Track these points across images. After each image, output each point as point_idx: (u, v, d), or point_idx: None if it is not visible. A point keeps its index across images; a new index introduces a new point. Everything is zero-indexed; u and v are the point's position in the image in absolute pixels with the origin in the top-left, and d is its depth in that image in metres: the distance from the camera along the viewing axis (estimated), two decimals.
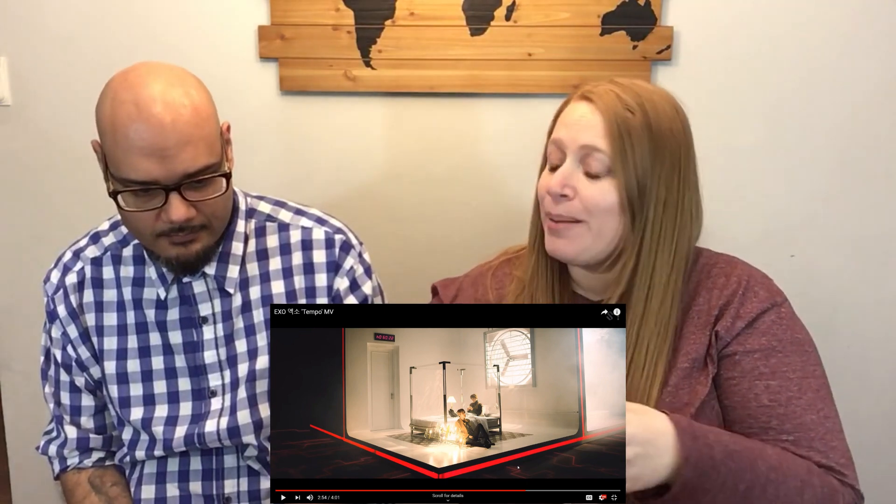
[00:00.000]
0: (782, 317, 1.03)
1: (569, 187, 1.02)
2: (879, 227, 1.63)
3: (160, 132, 1.01)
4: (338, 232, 1.24)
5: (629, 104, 1.00)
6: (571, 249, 1.04)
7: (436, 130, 1.67)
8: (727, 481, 0.89)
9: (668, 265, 1.02)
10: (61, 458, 1.26)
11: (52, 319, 1.24)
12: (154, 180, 1.03)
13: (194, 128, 1.03)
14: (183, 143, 1.02)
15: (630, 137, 0.99)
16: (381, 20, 1.60)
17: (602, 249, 1.03)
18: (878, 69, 1.56)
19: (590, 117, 1.01)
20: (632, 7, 1.56)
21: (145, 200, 1.06)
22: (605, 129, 1.00)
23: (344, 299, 1.21)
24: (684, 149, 1.03)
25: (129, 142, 1.02)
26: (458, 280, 1.22)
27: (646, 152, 0.99)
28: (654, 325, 1.01)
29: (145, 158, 1.02)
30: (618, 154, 0.99)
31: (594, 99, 1.02)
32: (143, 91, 1.03)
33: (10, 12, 1.66)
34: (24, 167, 1.73)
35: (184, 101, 1.04)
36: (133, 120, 1.01)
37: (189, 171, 1.04)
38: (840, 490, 0.97)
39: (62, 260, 1.26)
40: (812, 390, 1.00)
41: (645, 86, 1.04)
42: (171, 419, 1.21)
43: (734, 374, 1.01)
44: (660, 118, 1.00)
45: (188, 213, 1.06)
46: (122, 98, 1.03)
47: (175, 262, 1.12)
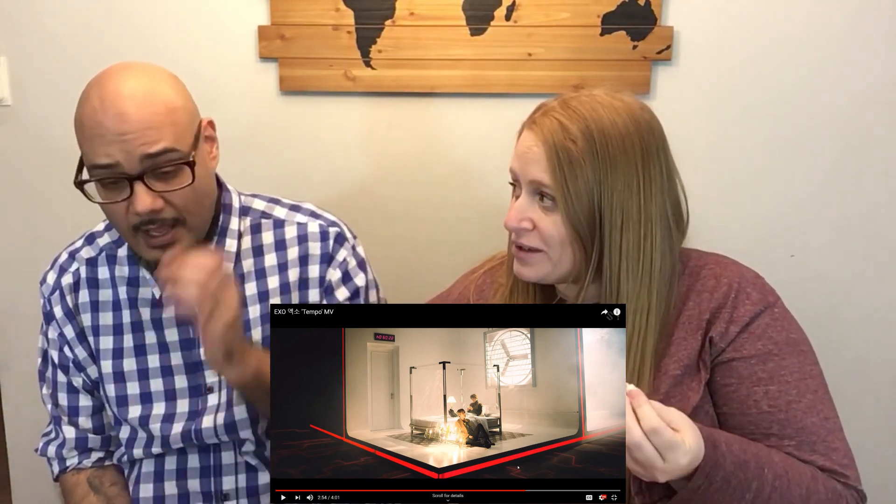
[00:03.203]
0: (776, 318, 1.02)
1: (525, 220, 1.02)
2: (879, 228, 1.63)
3: (121, 119, 1.04)
4: (332, 225, 1.24)
5: (571, 132, 0.97)
6: (534, 275, 1.04)
7: (436, 130, 1.67)
8: (735, 492, 0.89)
9: (635, 282, 0.99)
10: (60, 459, 1.26)
11: (48, 320, 1.25)
12: (115, 162, 1.05)
13: (158, 115, 1.06)
14: (144, 128, 1.04)
15: (571, 168, 0.97)
16: (381, 20, 1.60)
17: (562, 273, 1.03)
18: (878, 69, 1.56)
19: (535, 150, 1.00)
20: (632, 7, 1.56)
21: (113, 192, 1.08)
22: (547, 164, 0.98)
23: (335, 290, 1.21)
24: (642, 160, 0.98)
25: (92, 131, 1.05)
26: (442, 297, 1.24)
27: (591, 181, 0.97)
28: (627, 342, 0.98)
29: (107, 144, 1.04)
30: (559, 188, 0.98)
31: (536, 130, 1.00)
32: (109, 85, 1.06)
33: (9, 12, 1.66)
34: (24, 167, 1.73)
35: (149, 93, 1.06)
36: (95, 111, 1.05)
37: (148, 153, 1.05)
38: (844, 494, 0.97)
39: (58, 261, 1.26)
40: (811, 391, 1.00)
41: (599, 101, 1.00)
42: (168, 416, 1.21)
43: (731, 381, 1.00)
44: (607, 139, 0.97)
45: (154, 204, 1.06)
46: (90, 94, 1.07)
47: (155, 265, 1.13)
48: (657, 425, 0.82)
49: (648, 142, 0.99)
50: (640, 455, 0.83)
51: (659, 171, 1.00)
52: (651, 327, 1.00)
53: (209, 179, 1.15)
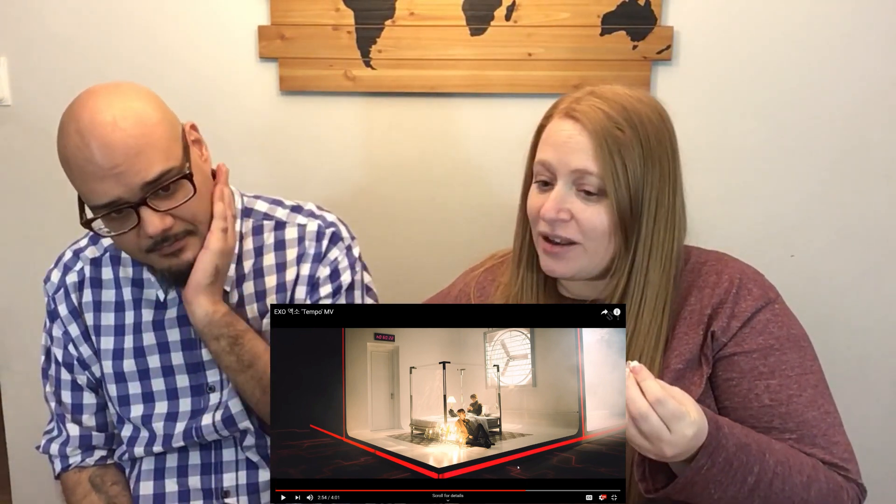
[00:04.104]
0: (777, 313, 1.02)
1: (564, 211, 1.00)
2: (879, 228, 1.63)
3: (106, 152, 1.02)
4: (330, 226, 1.24)
5: (617, 121, 0.98)
6: (568, 270, 1.03)
7: (436, 130, 1.67)
8: (737, 474, 0.89)
9: (660, 273, 1.01)
10: (63, 457, 1.26)
11: (52, 319, 1.25)
12: (117, 198, 1.04)
13: (139, 138, 1.04)
14: (132, 156, 1.03)
15: (622, 156, 0.97)
16: (381, 20, 1.60)
17: (597, 266, 1.03)
18: (878, 69, 1.56)
19: (578, 138, 0.98)
20: (632, 7, 1.56)
21: (121, 222, 1.08)
22: (594, 152, 0.97)
23: (320, 287, 1.21)
24: (672, 154, 1.01)
25: (83, 171, 1.04)
26: (442, 294, 1.24)
27: (637, 169, 0.98)
28: (647, 333, 1.01)
29: (101, 181, 1.03)
30: (609, 176, 0.97)
31: (580, 117, 0.99)
32: (83, 116, 1.04)
33: (9, 12, 1.66)
34: (24, 167, 1.73)
35: (124, 115, 1.04)
36: (79, 149, 1.03)
37: (147, 180, 1.04)
38: (845, 486, 0.97)
39: (62, 259, 1.26)
40: (811, 386, 1.00)
41: (628, 94, 1.01)
42: (171, 415, 1.21)
43: (733, 375, 1.01)
44: (648, 129, 0.98)
45: (164, 224, 1.07)
46: (68, 130, 1.05)
47: (168, 273, 1.13)
48: (661, 396, 0.83)
49: (673, 135, 1.02)
50: (647, 426, 0.83)
51: (679, 167, 1.03)
52: (665, 317, 1.01)
53: (208, 182, 1.15)
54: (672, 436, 0.83)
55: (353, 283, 1.23)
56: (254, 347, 1.14)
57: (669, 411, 0.83)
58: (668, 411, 0.83)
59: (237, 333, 1.14)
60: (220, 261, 1.12)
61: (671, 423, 0.83)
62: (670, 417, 0.83)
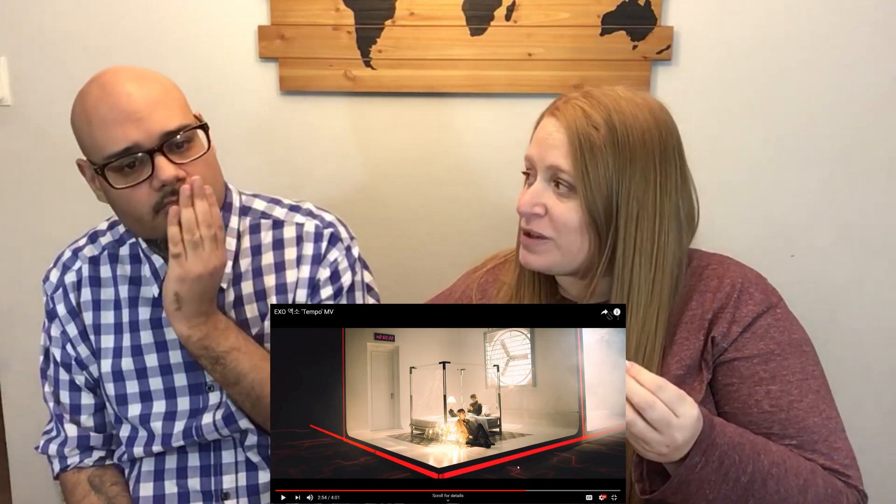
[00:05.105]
0: (778, 318, 1.02)
1: (538, 205, 1.02)
2: (880, 227, 1.63)
3: (129, 100, 1.06)
4: (328, 226, 1.24)
5: (595, 120, 0.98)
6: (542, 263, 1.04)
7: (436, 130, 1.67)
8: (730, 473, 0.89)
9: (647, 277, 1.00)
10: (61, 457, 1.26)
11: (51, 318, 1.25)
12: (135, 143, 1.06)
13: (161, 93, 1.09)
14: (153, 105, 1.07)
15: (593, 155, 0.98)
16: (381, 20, 1.60)
17: (570, 263, 1.03)
18: (879, 69, 1.56)
19: (556, 135, 1.00)
20: (632, 7, 1.56)
21: (133, 175, 1.08)
22: (567, 149, 0.99)
23: (321, 289, 1.21)
24: (660, 156, 1.00)
25: (102, 117, 1.06)
26: (444, 295, 1.24)
27: (610, 169, 0.98)
28: (636, 338, 1.00)
29: (121, 125, 1.06)
30: (579, 174, 0.98)
31: (559, 116, 1.01)
32: (105, 76, 1.09)
33: (9, 12, 1.66)
34: (24, 167, 1.73)
35: (146, 77, 1.10)
36: (101, 98, 1.07)
37: (167, 129, 1.07)
38: (844, 492, 0.97)
39: (61, 259, 1.26)
40: (812, 391, 1.00)
41: (621, 96, 1.01)
42: (169, 414, 1.21)
43: (733, 381, 1.01)
44: (629, 130, 0.98)
45: (178, 172, 1.08)
46: (88, 89, 1.10)
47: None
48: (661, 381, 0.83)
49: (666, 139, 1.01)
50: (654, 414, 0.83)
51: (674, 170, 1.02)
52: (660, 323, 1.01)
53: (216, 163, 1.17)
54: (679, 419, 0.84)
55: (353, 285, 1.23)
56: (237, 366, 1.13)
57: (671, 395, 0.83)
58: (670, 395, 0.83)
59: (217, 355, 1.13)
60: (179, 287, 1.08)
61: (676, 407, 0.83)
62: (674, 401, 0.83)
